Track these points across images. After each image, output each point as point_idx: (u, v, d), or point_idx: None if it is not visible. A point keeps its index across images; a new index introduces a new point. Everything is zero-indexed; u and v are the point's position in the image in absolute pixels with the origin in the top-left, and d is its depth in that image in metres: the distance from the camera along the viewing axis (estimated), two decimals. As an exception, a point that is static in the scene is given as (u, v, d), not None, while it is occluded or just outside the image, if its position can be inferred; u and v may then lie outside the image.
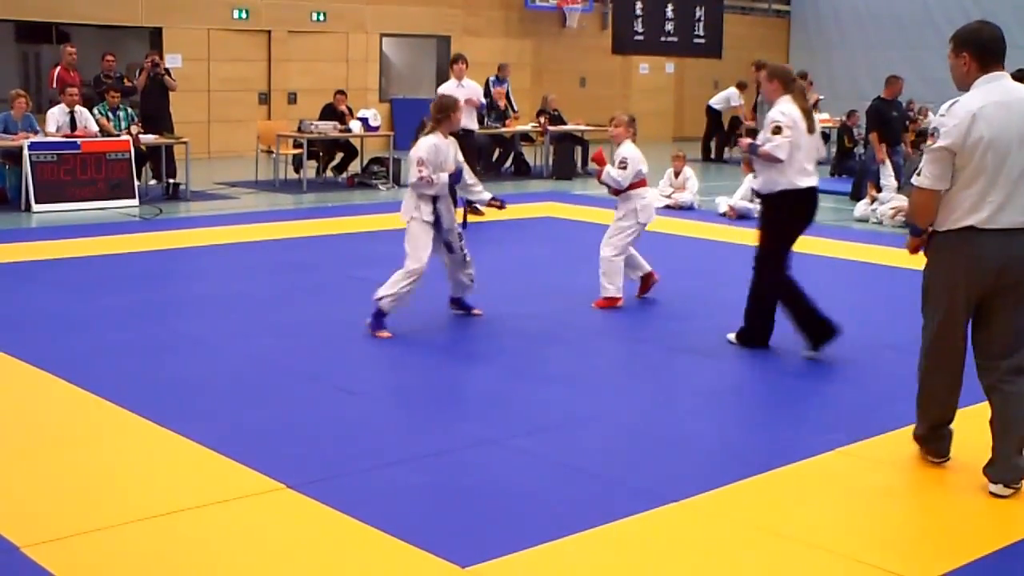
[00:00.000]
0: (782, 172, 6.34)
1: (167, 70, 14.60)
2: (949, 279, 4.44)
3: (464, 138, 12.58)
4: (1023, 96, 4.40)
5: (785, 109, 6.37)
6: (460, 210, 7.77)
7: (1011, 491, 4.43)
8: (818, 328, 6.49)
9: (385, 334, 6.78)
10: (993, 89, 4.37)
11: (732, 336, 6.80)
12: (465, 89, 12.57)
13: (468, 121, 12.44)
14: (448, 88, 12.48)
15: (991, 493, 4.44)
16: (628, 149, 7.80)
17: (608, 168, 7.83)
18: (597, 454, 4.86)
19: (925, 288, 4.58)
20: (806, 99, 6.73)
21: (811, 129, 6.42)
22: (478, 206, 12.37)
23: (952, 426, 4.77)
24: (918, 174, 4.41)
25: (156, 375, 5.90)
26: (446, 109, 6.97)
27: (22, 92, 12.75)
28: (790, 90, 6.49)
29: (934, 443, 4.79)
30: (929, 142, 4.43)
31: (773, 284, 6.54)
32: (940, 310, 4.50)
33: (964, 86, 4.46)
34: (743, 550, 3.92)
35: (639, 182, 7.86)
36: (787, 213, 6.46)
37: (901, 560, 3.84)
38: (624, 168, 7.73)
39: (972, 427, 5.47)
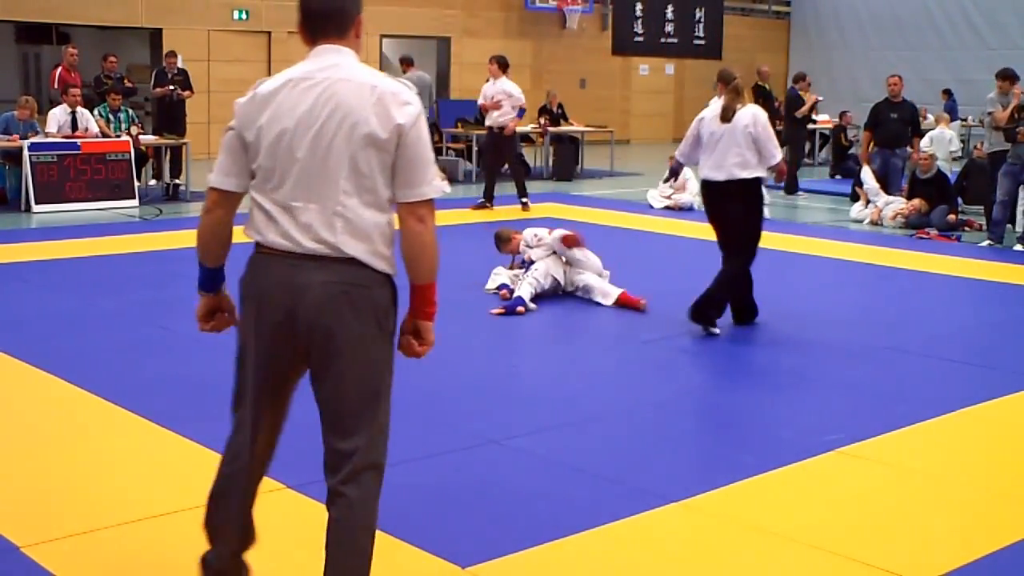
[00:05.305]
0: None
1: (185, 87, 14.36)
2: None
3: (497, 135, 12.83)
4: (345, 75, 2.99)
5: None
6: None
7: None
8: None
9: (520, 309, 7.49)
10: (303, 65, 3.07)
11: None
12: (494, 87, 12.90)
13: (500, 117, 12.76)
14: (484, 87, 12.94)
15: None
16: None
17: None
18: (597, 454, 4.86)
19: None
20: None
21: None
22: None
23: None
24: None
25: (156, 375, 5.90)
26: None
27: (30, 99, 12.89)
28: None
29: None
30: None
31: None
32: None
33: None
34: (742, 550, 3.92)
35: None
36: None
37: (901, 560, 3.84)
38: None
39: (974, 428, 5.48)
